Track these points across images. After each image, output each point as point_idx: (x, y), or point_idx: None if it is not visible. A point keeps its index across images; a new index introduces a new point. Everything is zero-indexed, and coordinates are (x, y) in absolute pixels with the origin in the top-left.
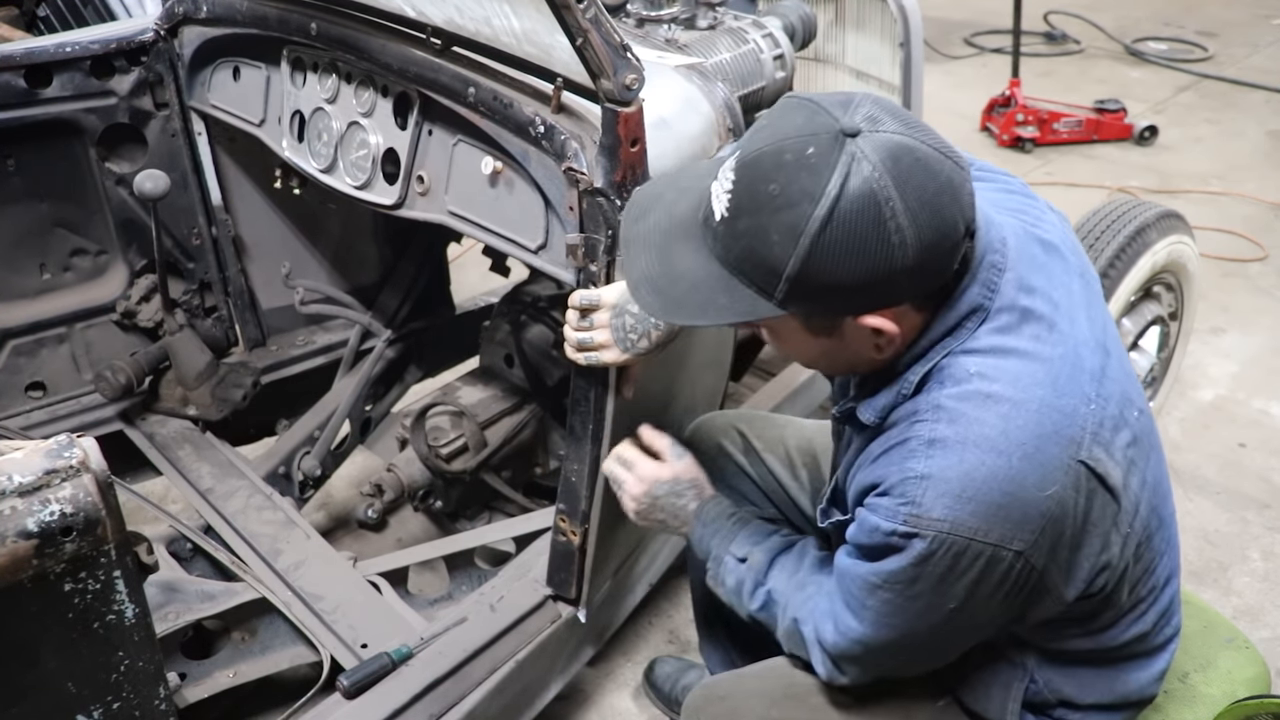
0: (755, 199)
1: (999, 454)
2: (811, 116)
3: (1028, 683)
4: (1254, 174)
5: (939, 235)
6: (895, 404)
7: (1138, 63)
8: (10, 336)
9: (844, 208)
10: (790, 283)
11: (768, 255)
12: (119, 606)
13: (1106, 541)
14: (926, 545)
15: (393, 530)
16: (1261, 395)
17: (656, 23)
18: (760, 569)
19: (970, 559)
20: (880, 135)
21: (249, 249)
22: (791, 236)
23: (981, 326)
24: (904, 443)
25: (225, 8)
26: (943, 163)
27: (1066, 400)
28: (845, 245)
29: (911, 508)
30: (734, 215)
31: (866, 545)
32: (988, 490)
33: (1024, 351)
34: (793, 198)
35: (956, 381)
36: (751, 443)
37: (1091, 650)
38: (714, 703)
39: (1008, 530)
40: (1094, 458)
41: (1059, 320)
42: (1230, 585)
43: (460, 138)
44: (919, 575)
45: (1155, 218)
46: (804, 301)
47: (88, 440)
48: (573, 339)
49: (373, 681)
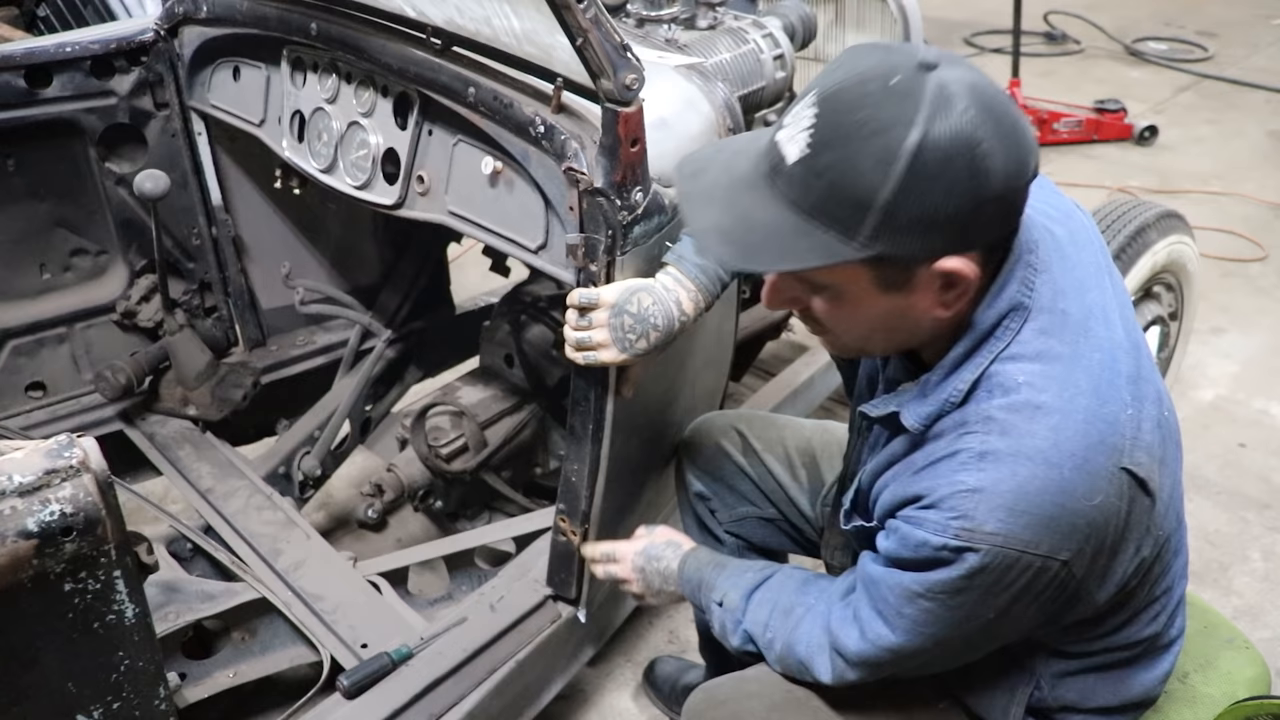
0: (840, 130)
1: (1051, 466)
2: (886, 54)
3: (1033, 688)
4: (1254, 174)
5: (1020, 166)
6: (942, 412)
7: (1138, 63)
8: (10, 336)
9: (938, 132)
10: (881, 214)
11: (856, 187)
12: (119, 606)
13: (1140, 544)
14: (979, 559)
15: (393, 530)
16: (1261, 395)
17: (656, 23)
18: (737, 609)
19: (1020, 571)
20: (956, 70)
21: (249, 249)
22: (885, 163)
23: (1023, 328)
24: (953, 455)
25: (225, 8)
26: (1011, 99)
27: (1109, 408)
28: (940, 171)
29: (964, 521)
30: (815, 152)
31: (910, 559)
32: (1040, 503)
33: (1067, 358)
34: (884, 123)
35: (1005, 391)
36: (751, 443)
37: (1101, 653)
38: (715, 707)
39: (1057, 541)
40: (1136, 463)
41: (1093, 324)
42: (1230, 585)
43: (460, 138)
44: (966, 587)
45: (1155, 218)
46: (891, 238)
47: (88, 440)
48: (571, 338)
49: (373, 681)
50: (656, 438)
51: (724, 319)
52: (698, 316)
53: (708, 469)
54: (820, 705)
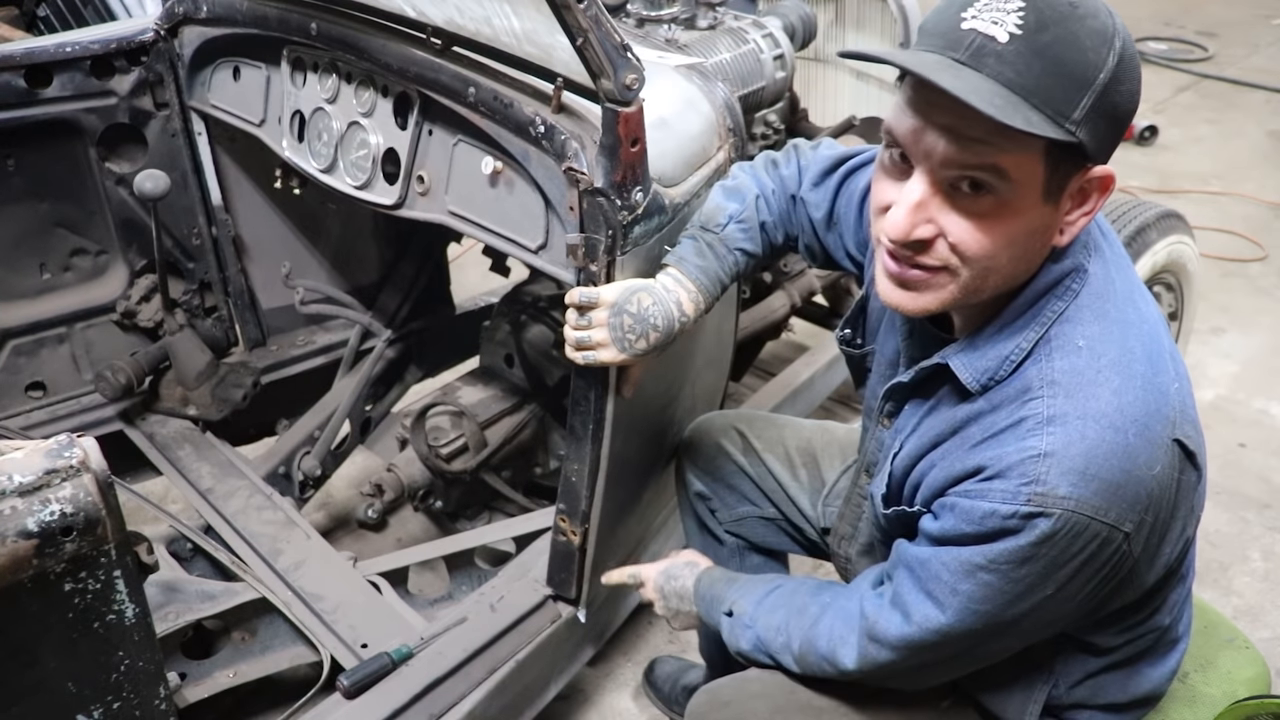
0: (1056, 11)
1: (1117, 430)
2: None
3: (1051, 687)
4: (1254, 174)
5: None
6: (999, 373)
7: None
8: (10, 336)
9: (1122, 24)
10: (1098, 95)
11: (1080, 63)
12: (119, 606)
13: (1186, 523)
14: (1051, 524)
15: (393, 530)
16: (1261, 395)
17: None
18: (746, 614)
19: (1088, 539)
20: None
21: (249, 249)
22: (1104, 41)
23: (1084, 289)
24: (1019, 423)
25: (225, 8)
26: None
27: (1161, 378)
28: (1133, 62)
29: (1036, 486)
30: (1035, 29)
31: (971, 533)
32: (1109, 468)
33: (1122, 323)
34: (1092, 8)
35: (1066, 354)
36: (751, 442)
37: (1119, 649)
38: (718, 709)
39: (1123, 510)
40: (1185, 435)
41: (1137, 298)
42: (1230, 585)
43: (460, 138)
44: (1033, 555)
45: (1155, 218)
46: (1095, 124)
47: (88, 440)
48: (570, 337)
49: (373, 681)
50: (656, 438)
51: (724, 319)
52: (698, 318)
53: (708, 469)
54: (825, 705)
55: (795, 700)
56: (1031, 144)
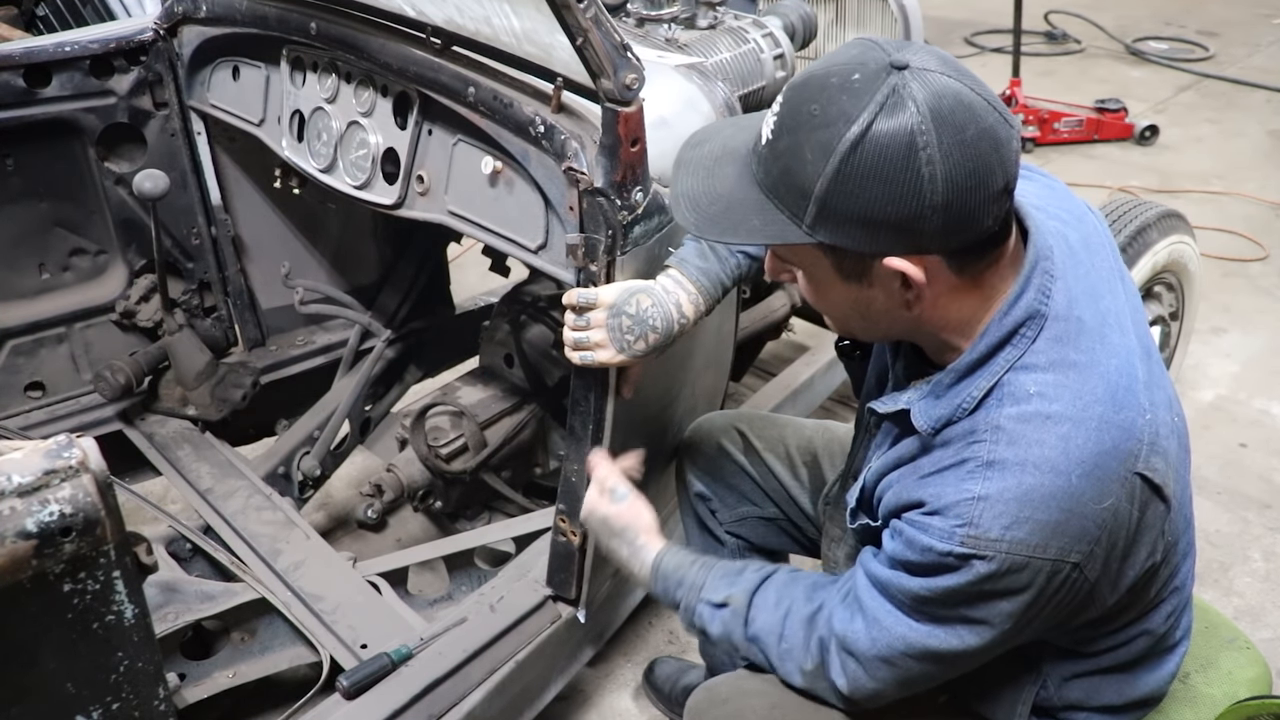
0: (797, 118)
1: (1058, 474)
2: (866, 50)
3: (1039, 688)
4: (1255, 174)
5: (973, 180)
6: (953, 417)
7: (1138, 62)
8: (9, 336)
9: (877, 132)
10: (818, 204)
11: (800, 174)
12: (118, 607)
13: (1153, 548)
14: (988, 565)
15: (392, 530)
16: (1262, 395)
17: (656, 22)
18: (741, 609)
19: (1031, 575)
20: (929, 74)
21: (249, 249)
22: (823, 155)
23: (1039, 336)
24: (961, 464)
25: (225, 7)
26: (989, 112)
27: (1125, 414)
28: (873, 171)
29: (969, 529)
30: (776, 136)
31: (916, 562)
32: (1045, 509)
33: (1082, 365)
34: (830, 117)
35: (1016, 401)
36: (751, 442)
37: (1108, 651)
38: (716, 705)
39: (1066, 544)
40: (1151, 468)
41: (1109, 330)
42: (1231, 585)
43: (460, 137)
44: (975, 592)
45: (1156, 217)
46: (831, 229)
47: (87, 440)
48: (569, 337)
49: (372, 682)
50: (656, 438)
51: (724, 319)
52: (698, 320)
53: (708, 469)
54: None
55: (792, 696)
56: (795, 234)
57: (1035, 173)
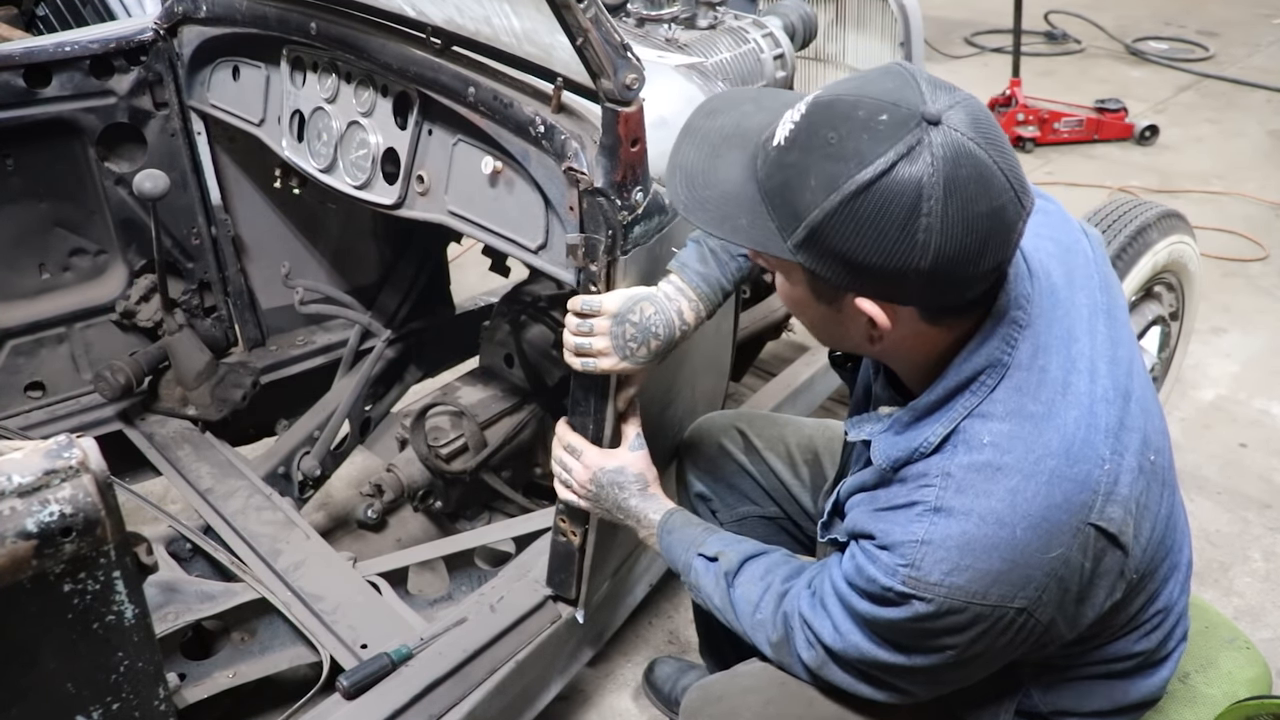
0: (812, 139)
1: (1002, 525)
2: (903, 85)
3: (1021, 696)
4: (1255, 174)
5: (966, 255)
6: (911, 458)
7: (1138, 62)
8: (10, 336)
9: (885, 184)
10: (808, 231)
11: (799, 196)
12: (119, 607)
13: (1113, 589)
14: (926, 606)
15: (393, 530)
16: (1262, 395)
17: (657, 22)
18: (731, 569)
19: (969, 619)
20: (956, 135)
21: (249, 249)
22: (826, 188)
23: (999, 386)
24: (911, 505)
25: (225, 7)
26: (1005, 191)
27: (1079, 467)
28: (871, 220)
29: (911, 570)
30: (788, 146)
31: (863, 589)
32: (987, 559)
33: (1038, 417)
34: (845, 153)
35: (970, 449)
36: (752, 441)
37: (1089, 664)
38: (711, 703)
39: (1008, 591)
40: (1107, 518)
41: (1075, 379)
42: (1231, 585)
43: (460, 137)
44: (917, 628)
45: (1156, 217)
46: (813, 257)
47: (87, 440)
48: (571, 343)
49: (373, 682)
50: (657, 438)
51: (723, 320)
52: (698, 325)
53: (709, 469)
54: (815, 696)
55: (786, 692)
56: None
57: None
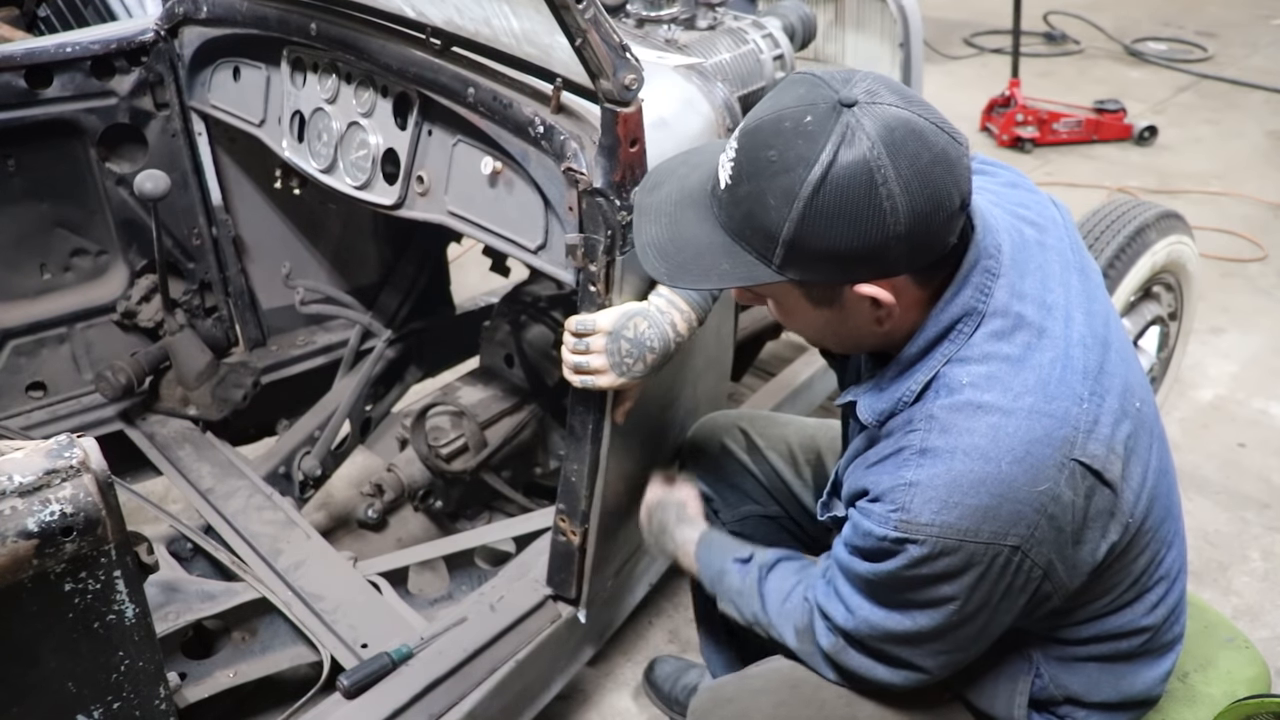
0: (755, 165)
1: (987, 460)
2: (812, 88)
3: (1034, 677)
4: (1253, 174)
5: (932, 205)
6: (894, 410)
7: (1137, 63)
8: (10, 336)
9: (837, 173)
10: (786, 247)
11: (765, 219)
12: (119, 606)
13: (1106, 529)
14: (920, 549)
15: (393, 530)
16: (1261, 395)
17: (656, 23)
18: (766, 565)
19: (964, 559)
20: (877, 107)
21: (249, 249)
22: (786, 201)
23: (976, 332)
24: (898, 452)
25: (225, 8)
26: (938, 135)
27: (1057, 404)
28: (837, 210)
29: (901, 514)
30: (735, 182)
31: (862, 547)
32: (975, 494)
33: (1015, 358)
34: (789, 163)
35: (950, 392)
36: (754, 441)
37: (1097, 641)
38: (721, 705)
39: (999, 528)
40: (1089, 454)
41: (1050, 324)
42: (1230, 585)
43: (460, 138)
44: (916, 576)
45: (1155, 218)
46: (800, 268)
47: (88, 440)
48: (569, 361)
49: (373, 681)
50: (657, 438)
51: (723, 321)
52: (691, 334)
53: (711, 469)
54: (826, 699)
55: (798, 694)
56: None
57: (998, 168)
